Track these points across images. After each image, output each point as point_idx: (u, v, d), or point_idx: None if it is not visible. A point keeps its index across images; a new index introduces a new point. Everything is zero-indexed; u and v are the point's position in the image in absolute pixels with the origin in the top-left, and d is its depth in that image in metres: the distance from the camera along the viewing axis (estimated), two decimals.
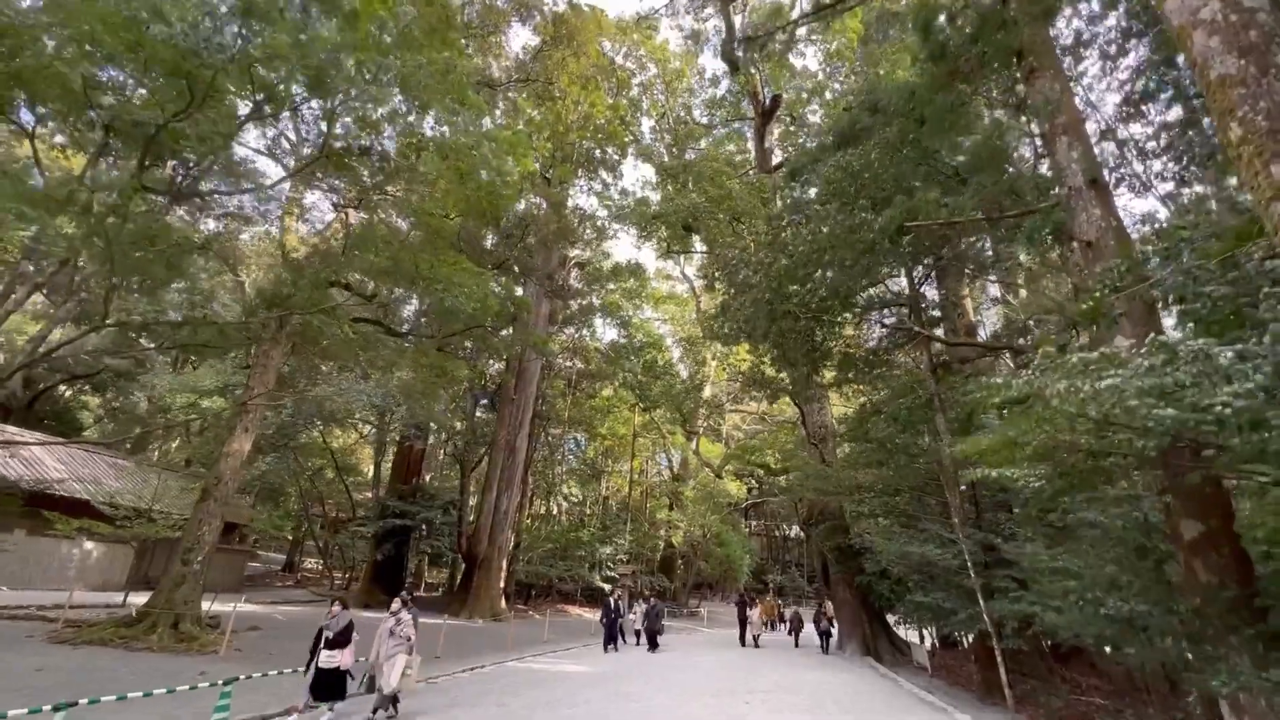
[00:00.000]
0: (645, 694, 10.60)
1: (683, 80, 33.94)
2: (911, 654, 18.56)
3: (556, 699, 9.75)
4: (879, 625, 19.79)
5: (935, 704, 11.30)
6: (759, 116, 25.19)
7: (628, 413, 39.27)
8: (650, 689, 11.11)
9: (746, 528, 50.13)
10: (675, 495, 39.09)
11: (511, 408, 29.16)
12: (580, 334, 40.08)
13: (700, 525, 35.71)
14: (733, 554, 36.89)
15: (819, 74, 30.22)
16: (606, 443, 42.95)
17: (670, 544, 38.59)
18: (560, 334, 38.60)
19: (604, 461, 45.09)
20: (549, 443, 41.08)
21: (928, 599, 12.18)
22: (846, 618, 20.10)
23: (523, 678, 11.82)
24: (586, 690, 10.66)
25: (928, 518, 13.98)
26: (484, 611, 24.73)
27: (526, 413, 29.99)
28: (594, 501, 44.12)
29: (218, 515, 14.54)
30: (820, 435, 22.01)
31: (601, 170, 31.51)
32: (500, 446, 28.21)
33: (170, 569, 14.00)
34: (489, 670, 12.50)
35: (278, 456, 24.94)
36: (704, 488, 34.66)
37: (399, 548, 24.47)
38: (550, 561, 30.27)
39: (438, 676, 11.23)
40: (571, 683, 11.42)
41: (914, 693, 12.44)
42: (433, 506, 24.72)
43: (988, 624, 10.54)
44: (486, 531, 26.66)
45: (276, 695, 8.69)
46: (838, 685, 12.65)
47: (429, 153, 12.38)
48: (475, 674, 11.94)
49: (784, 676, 13.53)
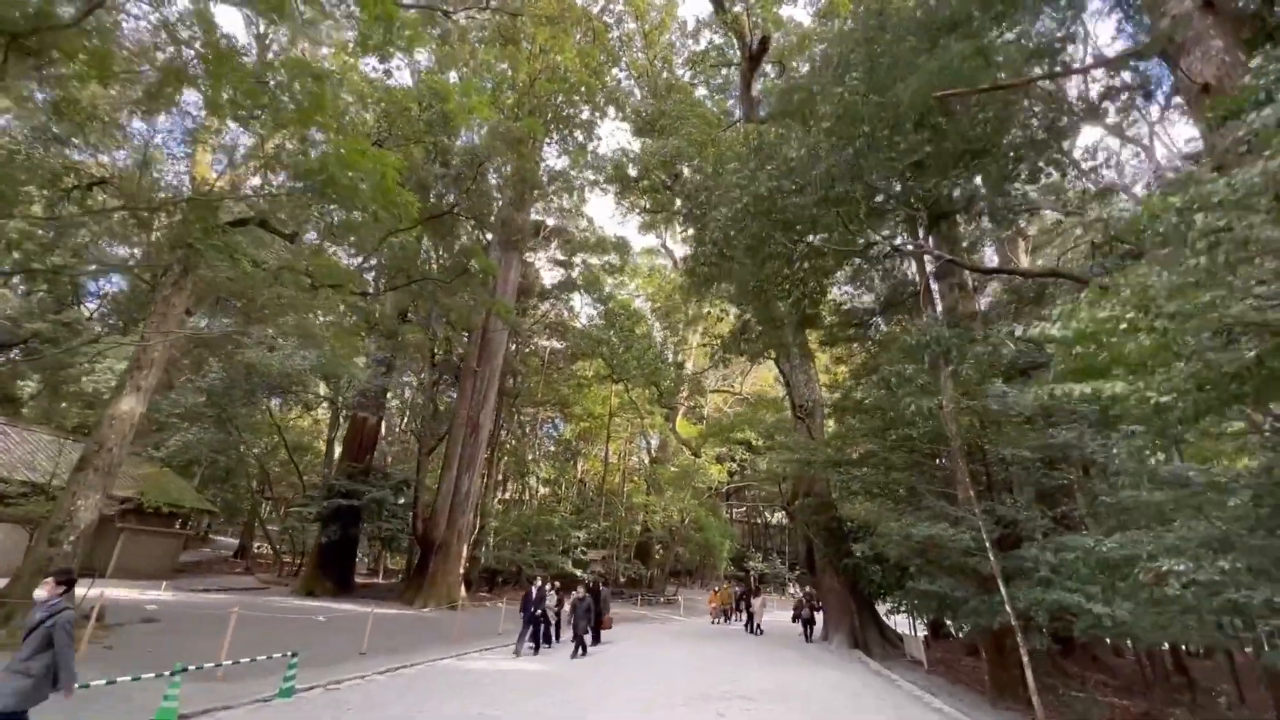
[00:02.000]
0: (598, 703, 8.62)
1: (663, 33, 31.57)
2: (904, 646, 16.89)
3: (478, 714, 7.72)
4: (868, 615, 18.08)
5: (948, 713, 9.48)
6: (746, 61, 23.03)
7: (604, 392, 37.21)
8: (605, 696, 9.15)
9: (727, 514, 48.56)
10: (654, 479, 37.21)
11: (475, 381, 26.91)
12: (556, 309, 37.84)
13: (679, 509, 33.90)
14: (712, 539, 35.20)
15: (811, 27, 28.09)
16: (583, 424, 40.89)
17: (647, 529, 36.77)
18: (535, 309, 36.36)
19: (580, 444, 43.07)
20: (521, 422, 38.91)
21: (934, 586, 10.35)
22: (834, 606, 18.36)
23: (452, 681, 9.78)
24: (525, 700, 8.66)
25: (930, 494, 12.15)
26: (440, 600, 22.65)
27: (492, 387, 27.77)
28: (569, 485, 42.13)
29: (99, 488, 12.20)
30: (808, 409, 20.15)
31: (576, 132, 29.14)
32: (461, 423, 25.99)
33: (35, 551, 11.68)
34: (413, 671, 10.43)
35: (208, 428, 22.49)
36: (682, 468, 32.77)
37: (346, 530, 22.24)
38: (517, 546, 28.23)
39: (344, 680, 9.13)
40: (509, 688, 9.40)
41: (918, 696, 10.64)
42: (384, 486, 22.48)
43: (1010, 616, 8.71)
44: (445, 514, 24.51)
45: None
46: (830, 689, 10.80)
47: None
48: (394, 675, 9.86)
49: (767, 677, 11.66)
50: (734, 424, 26.34)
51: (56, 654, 4.59)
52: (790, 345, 16.64)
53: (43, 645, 4.61)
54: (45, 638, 4.61)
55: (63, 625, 4.66)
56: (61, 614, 4.72)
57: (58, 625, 4.64)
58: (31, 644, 4.62)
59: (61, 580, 5.10)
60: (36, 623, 4.71)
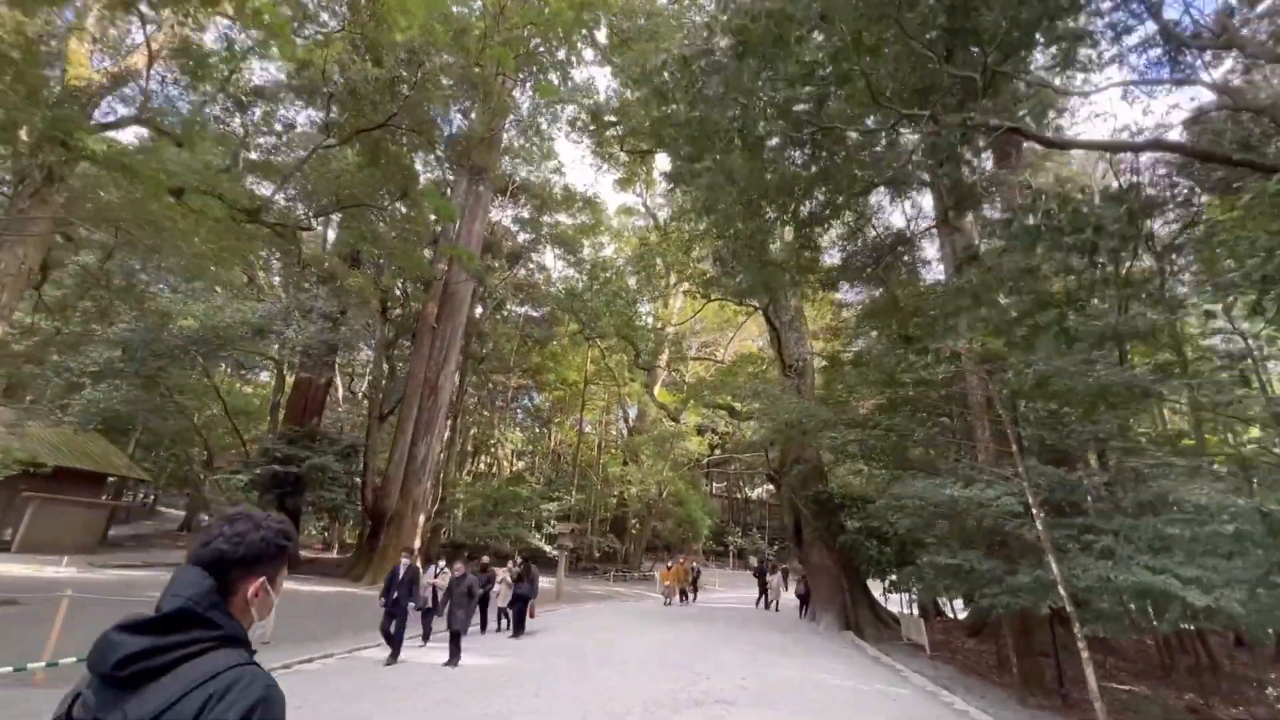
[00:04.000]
0: (536, 710, 6.63)
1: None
2: (900, 628, 15.24)
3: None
4: (861, 593, 16.40)
5: (972, 716, 7.66)
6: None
7: (579, 359, 35.00)
8: (551, 697, 7.16)
9: (708, 488, 47.05)
10: (631, 450, 35.29)
11: (434, 339, 24.52)
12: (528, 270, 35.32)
13: (656, 481, 32.06)
14: (692, 513, 33.51)
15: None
16: (557, 393, 38.71)
17: (623, 502, 34.95)
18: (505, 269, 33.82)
19: (555, 413, 40.95)
20: (491, 389, 36.64)
21: (956, 560, 8.46)
22: (823, 584, 16.63)
23: (366, 677, 7.72)
24: (448, 706, 6.63)
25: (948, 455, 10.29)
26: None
27: (453, 347, 25.40)
28: (543, 457, 40.09)
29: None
30: (799, 368, 18.21)
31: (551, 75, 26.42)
32: (418, 384, 23.65)
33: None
34: (317, 666, 8.34)
35: (124, 386, 19.89)
36: (660, 434, 30.82)
37: (283, 500, 19.98)
38: (482, 520, 26.18)
39: None
40: (432, 688, 7.37)
41: (932, 693, 8.83)
42: (327, 452, 20.18)
43: (1064, 597, 6.85)
44: (398, 483, 22.31)
45: None
46: (825, 684, 8.93)
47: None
48: (291, 673, 7.76)
49: (746, 666, 9.78)
50: (716, 381, 24.36)
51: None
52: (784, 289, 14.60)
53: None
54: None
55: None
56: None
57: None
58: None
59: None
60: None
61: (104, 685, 1.06)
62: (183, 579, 1.15)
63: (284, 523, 1.34)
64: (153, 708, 0.99)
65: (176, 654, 1.06)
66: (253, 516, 1.29)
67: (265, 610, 1.27)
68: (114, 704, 1.02)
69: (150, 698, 1.01)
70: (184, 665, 1.05)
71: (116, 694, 1.03)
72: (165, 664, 1.04)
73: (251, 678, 1.06)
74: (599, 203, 33.32)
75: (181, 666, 1.05)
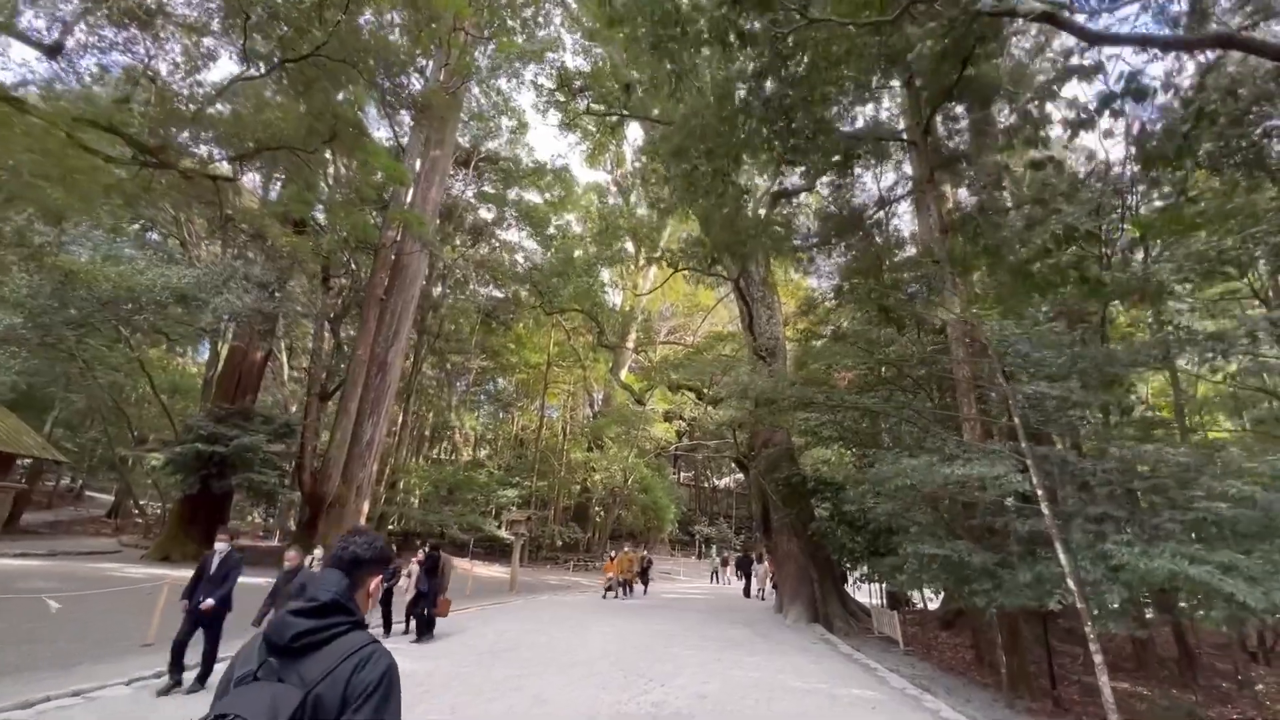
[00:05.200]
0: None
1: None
2: (871, 621, 14.43)
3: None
4: (830, 584, 15.54)
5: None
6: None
7: (542, 339, 33.51)
8: (470, 716, 5.91)
9: (675, 476, 46.21)
10: (595, 432, 34.05)
11: (383, 312, 22.80)
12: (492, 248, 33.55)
13: (622, 468, 30.93)
14: (658, 500, 32.52)
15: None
16: (519, 376, 37.17)
17: (586, 489, 33.74)
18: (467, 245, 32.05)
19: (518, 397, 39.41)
20: (449, 370, 34.92)
21: (944, 550, 7.47)
22: (791, 574, 15.73)
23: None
24: None
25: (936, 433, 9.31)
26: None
27: (404, 321, 23.71)
28: (504, 443, 38.55)
29: None
30: (770, 347, 17.18)
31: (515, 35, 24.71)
32: (364, 360, 21.93)
33: None
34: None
35: (24, 355, 17.81)
36: (621, 412, 29.62)
37: (207, 483, 18.15)
38: (433, 506, 24.64)
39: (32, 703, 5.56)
40: None
41: (914, 696, 7.86)
42: (258, 431, 18.40)
43: (1073, 590, 5.89)
44: (339, 466, 20.64)
45: None
46: (796, 689, 7.89)
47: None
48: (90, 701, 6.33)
49: (707, 668, 8.69)
50: (683, 359, 23.24)
51: None
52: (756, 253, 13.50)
53: None
54: None
55: None
56: None
57: None
58: None
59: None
60: None
61: (277, 653, 1.41)
62: (328, 578, 1.54)
63: (381, 536, 1.78)
64: (319, 670, 1.37)
65: (330, 632, 1.44)
66: (369, 531, 1.77)
67: (368, 603, 1.68)
68: (289, 667, 1.39)
69: (316, 663, 1.39)
70: (335, 641, 1.44)
71: (289, 660, 1.40)
72: (322, 639, 1.43)
73: (381, 652, 1.47)
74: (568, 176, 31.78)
75: (334, 642, 1.43)
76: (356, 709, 1.34)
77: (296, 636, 1.39)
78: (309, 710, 1.31)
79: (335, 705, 1.33)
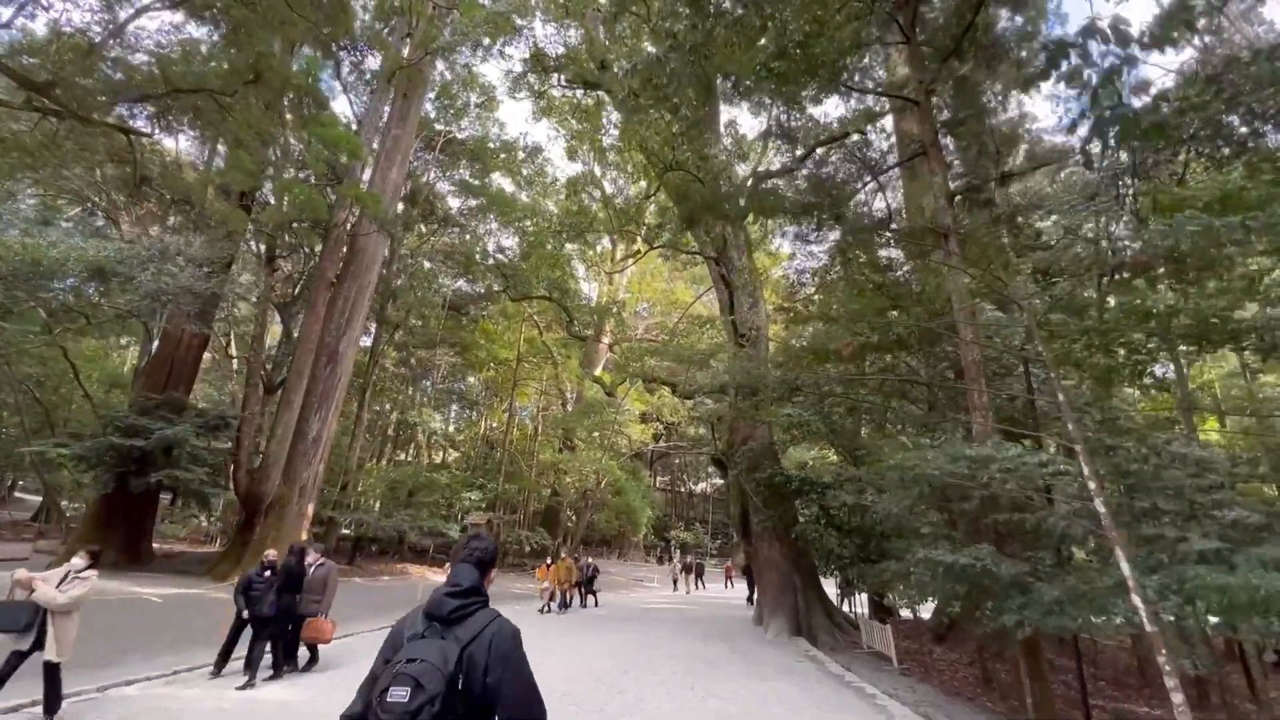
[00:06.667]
0: None
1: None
2: (859, 634, 13.16)
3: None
4: (814, 594, 14.28)
5: None
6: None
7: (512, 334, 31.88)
8: None
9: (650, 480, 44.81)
10: (567, 433, 32.48)
11: (334, 298, 21.03)
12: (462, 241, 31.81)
13: (594, 470, 29.42)
14: (631, 503, 31.07)
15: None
16: (488, 373, 35.43)
17: (556, 492, 32.14)
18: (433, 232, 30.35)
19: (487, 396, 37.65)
20: (414, 365, 33.05)
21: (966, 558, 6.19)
22: (772, 582, 14.41)
23: None
24: None
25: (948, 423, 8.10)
26: None
27: (359, 309, 21.95)
28: (470, 443, 36.71)
29: None
30: (752, 336, 15.95)
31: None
32: (311, 349, 20.12)
33: None
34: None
35: None
36: (594, 408, 28.13)
37: (125, 480, 16.20)
38: (388, 510, 22.86)
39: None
40: None
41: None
42: (185, 425, 16.50)
43: (1141, 614, 4.65)
44: (280, 465, 18.79)
45: None
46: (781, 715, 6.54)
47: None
48: None
49: (677, 698, 7.30)
50: (658, 346, 21.88)
51: None
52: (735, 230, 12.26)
53: None
54: None
55: None
56: None
57: None
58: None
59: None
60: None
61: (436, 623, 1.90)
62: (466, 572, 2.03)
63: (493, 540, 2.29)
64: (469, 634, 1.85)
65: (472, 608, 1.94)
66: (486, 536, 2.24)
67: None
68: (448, 631, 1.87)
69: (466, 629, 1.87)
70: (476, 613, 1.93)
71: (447, 626, 1.88)
72: (468, 613, 1.92)
73: (506, 621, 1.96)
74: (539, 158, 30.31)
75: (475, 614, 1.93)
76: (503, 661, 1.84)
77: (452, 610, 1.89)
78: (464, 662, 1.80)
79: (483, 659, 1.81)
